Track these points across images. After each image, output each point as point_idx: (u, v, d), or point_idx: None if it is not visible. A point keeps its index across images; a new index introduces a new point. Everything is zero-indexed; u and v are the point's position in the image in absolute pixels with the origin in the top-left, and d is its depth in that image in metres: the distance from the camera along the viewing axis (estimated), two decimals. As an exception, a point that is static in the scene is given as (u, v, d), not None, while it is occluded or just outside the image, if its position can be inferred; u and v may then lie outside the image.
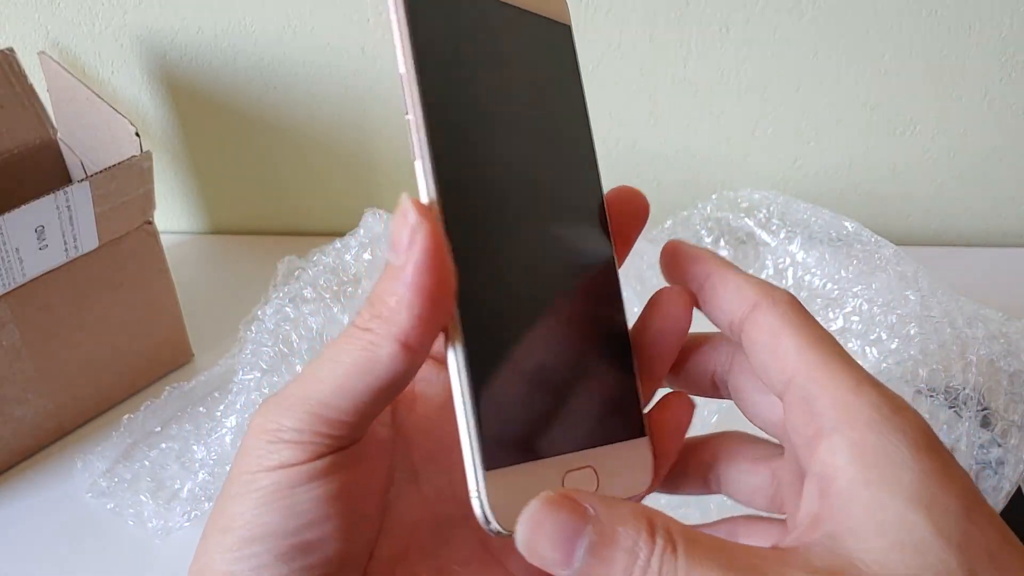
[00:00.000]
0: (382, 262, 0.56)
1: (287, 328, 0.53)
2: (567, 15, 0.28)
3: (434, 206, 0.22)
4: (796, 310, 0.23)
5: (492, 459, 0.23)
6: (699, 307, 0.26)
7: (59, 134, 0.56)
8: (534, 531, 0.20)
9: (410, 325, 0.21)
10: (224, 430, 0.49)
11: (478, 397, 0.23)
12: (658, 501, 0.39)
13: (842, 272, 0.52)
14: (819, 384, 0.21)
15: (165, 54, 0.60)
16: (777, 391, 0.23)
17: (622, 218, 0.27)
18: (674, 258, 0.27)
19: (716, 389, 0.27)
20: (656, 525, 0.19)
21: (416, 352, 0.21)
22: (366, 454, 0.24)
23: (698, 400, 0.27)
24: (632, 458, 0.26)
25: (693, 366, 0.27)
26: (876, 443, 0.20)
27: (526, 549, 0.20)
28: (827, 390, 0.21)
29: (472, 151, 0.23)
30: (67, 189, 0.43)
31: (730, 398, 0.27)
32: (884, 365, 0.47)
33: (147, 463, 0.50)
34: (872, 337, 0.49)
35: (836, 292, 0.52)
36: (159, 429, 0.52)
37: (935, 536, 0.18)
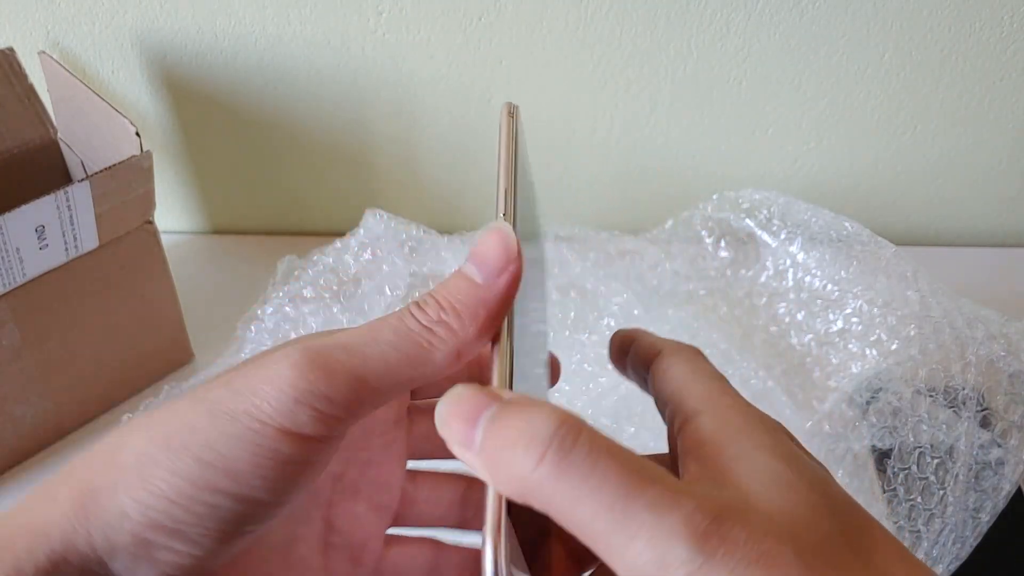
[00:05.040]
0: (382, 262, 0.56)
1: (287, 328, 0.53)
2: None
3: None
4: (693, 357, 0.25)
5: None
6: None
7: (59, 134, 0.56)
8: (450, 407, 0.20)
9: (473, 342, 0.22)
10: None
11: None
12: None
13: (842, 273, 0.52)
14: (689, 392, 0.23)
15: (165, 54, 0.60)
16: (663, 405, 0.25)
17: None
18: (617, 336, 0.29)
19: None
20: (568, 418, 0.19)
21: (463, 361, 0.22)
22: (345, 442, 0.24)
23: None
24: None
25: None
26: (737, 419, 0.22)
27: (437, 420, 0.20)
28: (694, 393, 0.23)
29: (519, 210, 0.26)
30: (67, 189, 0.43)
31: None
32: (884, 365, 0.47)
33: (147, 463, 0.50)
34: (872, 338, 0.49)
35: (836, 293, 0.52)
36: (159, 429, 0.52)
37: (799, 479, 0.20)
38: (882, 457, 0.46)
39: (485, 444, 0.19)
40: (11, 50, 0.53)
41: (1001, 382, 0.45)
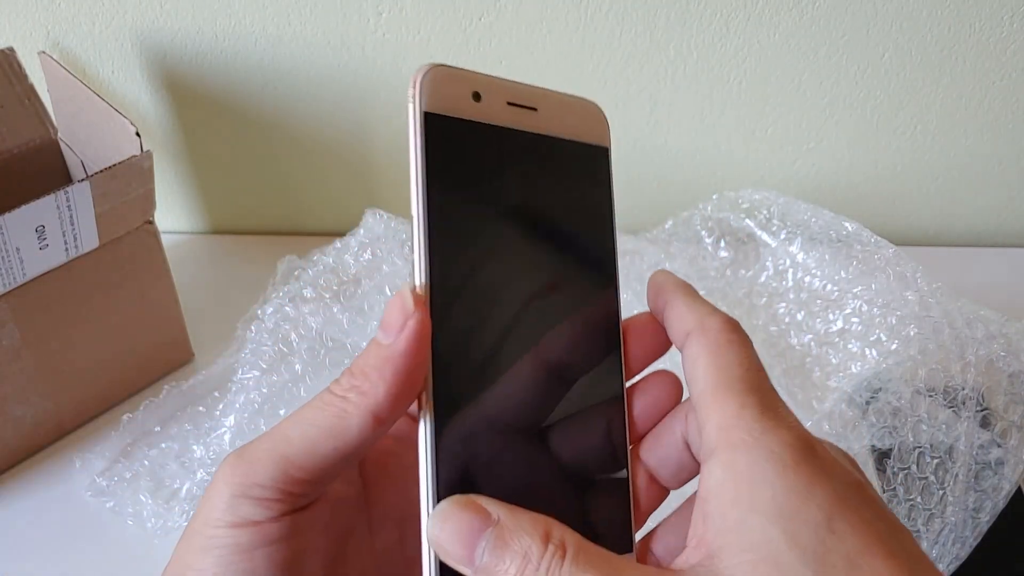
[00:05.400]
0: (382, 262, 0.56)
1: (287, 328, 0.53)
2: (606, 138, 0.29)
3: (426, 296, 0.24)
4: (723, 339, 0.24)
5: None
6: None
7: (59, 134, 0.56)
8: (442, 526, 0.22)
9: (385, 401, 0.23)
10: (223, 429, 0.50)
11: (439, 467, 0.24)
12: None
13: (842, 273, 0.52)
14: (707, 412, 0.23)
15: (165, 54, 0.60)
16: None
17: (638, 345, 0.28)
18: (650, 291, 0.28)
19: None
20: (552, 534, 0.21)
21: (385, 424, 0.23)
22: (323, 516, 0.25)
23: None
24: None
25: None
26: (745, 464, 0.21)
27: (435, 543, 0.22)
28: (712, 417, 0.22)
29: (467, 259, 0.25)
30: (67, 189, 0.43)
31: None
32: (884, 365, 0.47)
33: (146, 462, 0.50)
34: (872, 338, 0.49)
35: (836, 293, 0.52)
36: (158, 428, 0.52)
37: (790, 549, 0.20)
38: (882, 457, 0.46)
39: (488, 571, 0.21)
40: (11, 50, 0.53)
41: (1001, 382, 0.45)
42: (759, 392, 0.23)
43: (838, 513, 0.20)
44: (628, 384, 0.27)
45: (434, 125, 0.25)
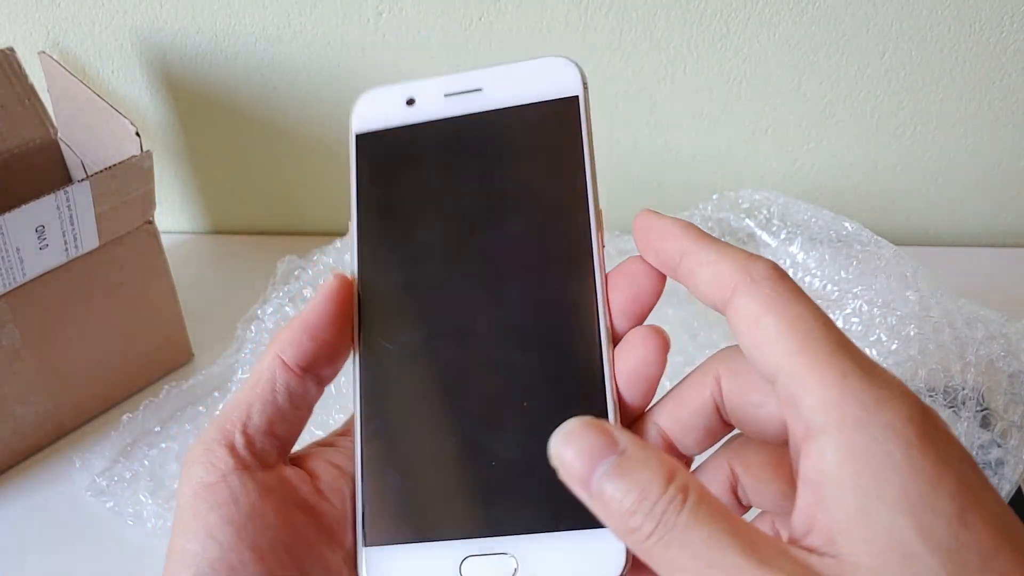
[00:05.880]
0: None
1: (287, 328, 0.53)
2: (573, 87, 0.27)
3: (354, 281, 0.27)
4: (778, 288, 0.21)
5: (373, 535, 0.24)
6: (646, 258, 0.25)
7: (59, 134, 0.56)
8: (565, 443, 0.20)
9: (288, 344, 0.26)
10: (224, 430, 0.49)
11: (365, 474, 0.25)
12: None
13: (842, 273, 0.52)
14: (802, 381, 0.20)
15: (165, 54, 0.60)
16: (770, 382, 0.22)
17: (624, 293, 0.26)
18: (647, 234, 0.25)
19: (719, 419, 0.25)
20: (676, 476, 0.20)
21: (289, 370, 0.26)
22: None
23: None
24: (590, 546, 0.23)
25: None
26: (863, 445, 0.19)
27: (555, 458, 0.21)
28: (811, 388, 0.20)
29: (397, 248, 0.27)
30: (68, 189, 0.43)
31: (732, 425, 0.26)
32: (884, 365, 0.47)
33: (146, 462, 0.50)
34: (872, 338, 0.49)
35: (836, 293, 0.52)
36: (158, 428, 0.52)
37: (922, 542, 0.18)
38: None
39: (603, 497, 0.20)
40: (11, 50, 0.53)
41: (1001, 382, 0.45)
42: (851, 352, 0.20)
43: (969, 505, 0.18)
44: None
45: (363, 143, 0.28)
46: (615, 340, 0.25)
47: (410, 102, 0.27)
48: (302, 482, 0.26)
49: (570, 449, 0.20)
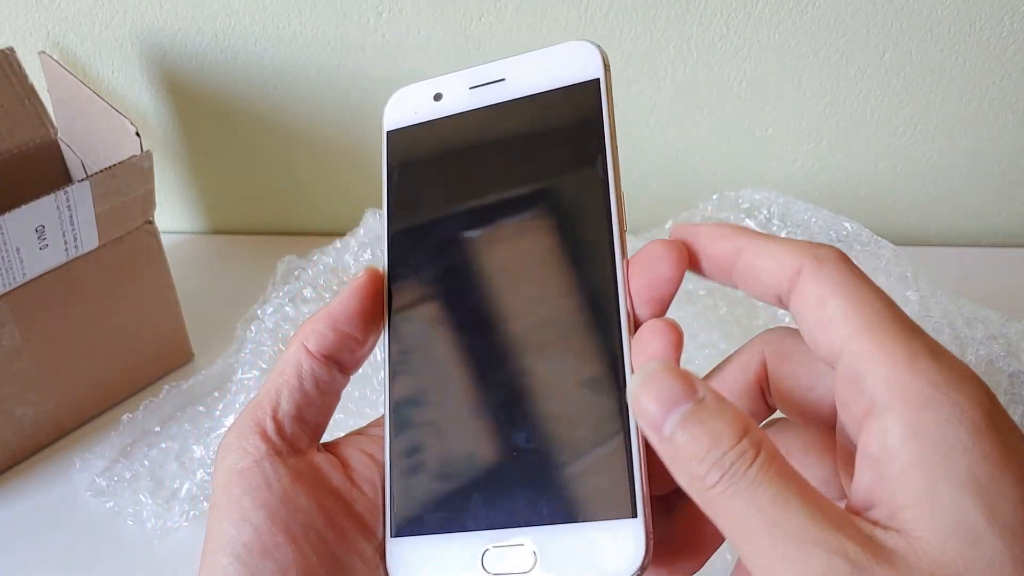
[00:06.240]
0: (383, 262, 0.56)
1: (287, 328, 0.53)
2: (595, 70, 0.27)
3: (384, 276, 0.28)
4: (844, 271, 0.22)
5: (399, 527, 0.25)
6: (695, 268, 0.25)
7: (59, 134, 0.56)
8: (645, 383, 0.20)
9: (311, 334, 0.27)
10: (223, 429, 0.49)
11: (393, 467, 0.25)
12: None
13: (842, 272, 0.52)
14: (869, 359, 0.20)
15: (165, 54, 0.60)
16: (831, 363, 0.22)
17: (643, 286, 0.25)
18: (694, 241, 0.25)
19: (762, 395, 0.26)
20: (750, 431, 0.20)
21: (313, 357, 0.27)
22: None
23: None
24: (609, 538, 0.23)
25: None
26: (931, 423, 0.19)
27: (632, 397, 0.21)
28: (878, 366, 0.20)
29: (425, 241, 0.28)
30: (67, 189, 0.43)
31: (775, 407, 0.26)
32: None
33: (146, 462, 0.50)
34: (872, 337, 0.49)
35: (836, 292, 0.52)
36: (158, 428, 0.52)
37: (988, 524, 0.18)
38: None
39: (673, 442, 0.20)
40: (11, 50, 0.53)
41: (1001, 382, 0.45)
42: (919, 334, 0.20)
43: None
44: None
45: (393, 140, 0.29)
46: (636, 326, 0.25)
47: (437, 97, 0.28)
48: (334, 469, 0.27)
49: (648, 391, 0.20)
